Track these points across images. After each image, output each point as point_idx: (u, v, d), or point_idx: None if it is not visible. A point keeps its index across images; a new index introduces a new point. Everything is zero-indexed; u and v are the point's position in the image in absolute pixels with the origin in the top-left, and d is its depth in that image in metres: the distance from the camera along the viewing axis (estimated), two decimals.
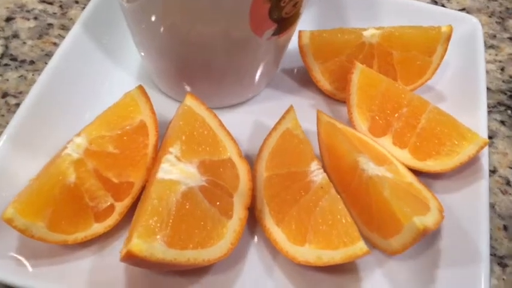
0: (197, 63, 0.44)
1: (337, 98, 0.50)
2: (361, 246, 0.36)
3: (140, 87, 0.43)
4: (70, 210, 0.37)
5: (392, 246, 0.38)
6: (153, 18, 0.40)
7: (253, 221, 0.40)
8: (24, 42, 0.56)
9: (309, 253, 0.37)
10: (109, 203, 0.39)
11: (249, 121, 0.48)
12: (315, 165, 0.40)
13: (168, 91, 0.49)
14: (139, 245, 0.32)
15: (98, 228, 0.38)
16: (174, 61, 0.44)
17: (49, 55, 0.54)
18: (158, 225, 0.34)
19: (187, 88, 0.47)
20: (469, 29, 0.54)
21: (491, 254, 0.43)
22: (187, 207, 0.36)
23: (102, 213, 0.38)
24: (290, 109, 0.44)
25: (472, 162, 0.43)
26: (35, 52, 0.55)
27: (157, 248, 0.33)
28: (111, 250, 0.38)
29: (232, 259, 0.38)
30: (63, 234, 0.37)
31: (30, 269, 0.36)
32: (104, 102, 0.43)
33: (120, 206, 0.39)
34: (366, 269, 0.39)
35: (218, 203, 0.38)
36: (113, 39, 0.51)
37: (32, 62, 0.54)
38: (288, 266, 0.39)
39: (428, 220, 0.36)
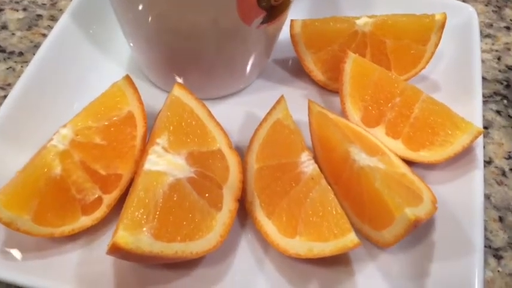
0: (186, 53, 0.43)
1: (330, 88, 0.49)
2: (351, 238, 0.35)
3: (127, 77, 0.42)
4: (56, 202, 0.37)
5: (384, 238, 0.37)
6: (140, 7, 0.39)
7: (243, 214, 0.40)
8: (13, 34, 0.55)
9: (299, 245, 0.36)
10: (97, 196, 0.38)
11: (240, 112, 0.47)
12: (305, 156, 0.39)
13: (158, 82, 0.48)
14: (125, 237, 0.32)
15: (85, 221, 0.38)
16: (163, 51, 0.44)
17: (38, 46, 0.52)
18: (144, 217, 0.33)
19: (177, 79, 0.46)
20: (464, 18, 0.53)
21: (486, 246, 0.42)
22: (174, 199, 0.35)
23: (89, 206, 0.38)
24: (281, 99, 0.43)
25: (466, 152, 0.42)
26: (24, 43, 0.54)
27: (143, 241, 0.32)
28: (100, 243, 0.38)
29: (223, 252, 0.38)
30: (49, 227, 0.36)
31: (17, 262, 0.36)
32: (93, 94, 0.42)
33: (108, 199, 0.38)
34: (359, 261, 0.38)
35: (207, 195, 0.37)
36: (102, 29, 0.50)
37: (20, 54, 0.53)
38: (279, 258, 0.38)
39: (420, 211, 0.35)
